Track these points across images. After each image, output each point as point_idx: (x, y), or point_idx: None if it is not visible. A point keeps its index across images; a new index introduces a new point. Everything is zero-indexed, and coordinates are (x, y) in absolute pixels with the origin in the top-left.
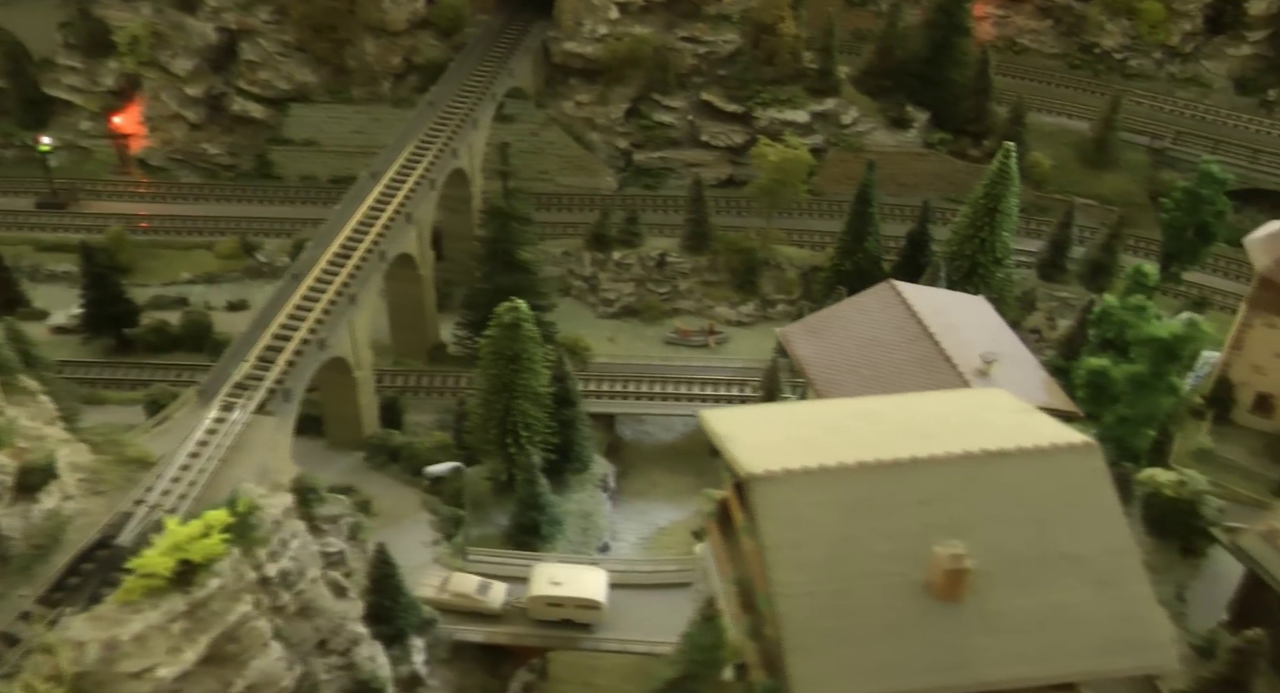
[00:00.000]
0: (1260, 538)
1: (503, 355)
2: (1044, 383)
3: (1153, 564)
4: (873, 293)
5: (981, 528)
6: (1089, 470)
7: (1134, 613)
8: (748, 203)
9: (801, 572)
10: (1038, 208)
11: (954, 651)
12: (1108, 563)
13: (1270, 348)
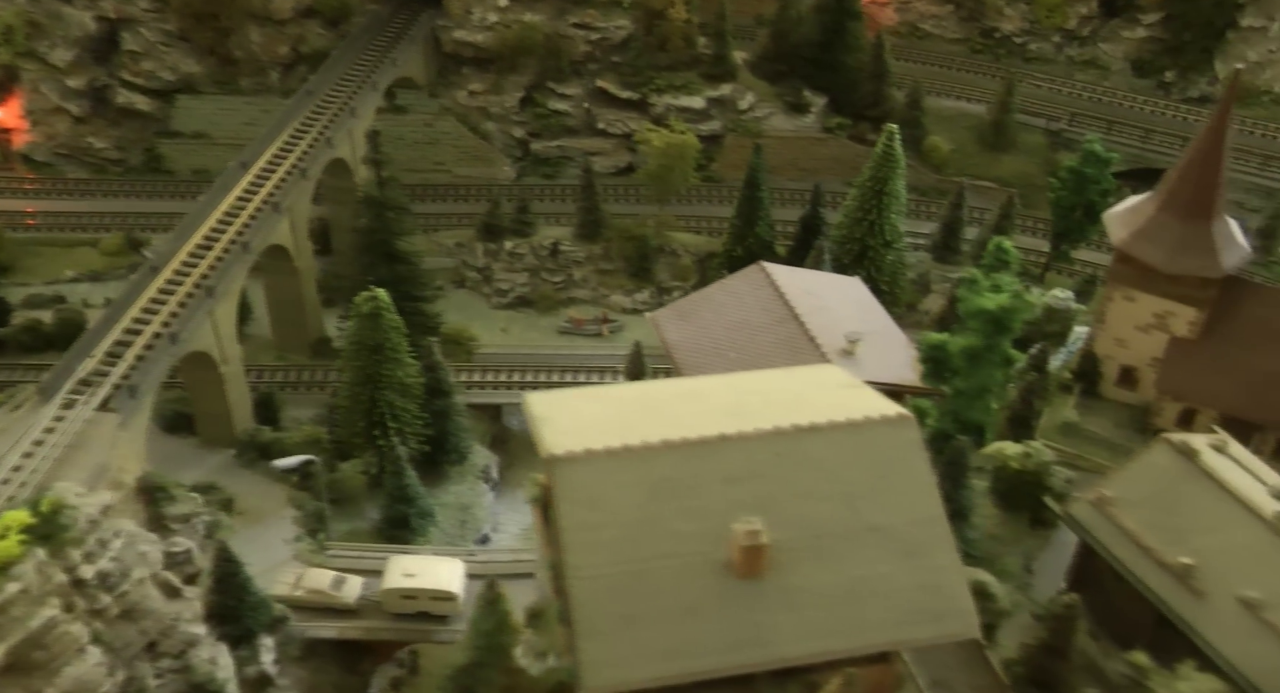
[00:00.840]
0: (1090, 506)
1: (365, 346)
2: (911, 362)
3: (1001, 536)
4: (742, 275)
5: (788, 504)
6: (902, 442)
7: (939, 583)
8: (640, 190)
9: (598, 553)
10: (938, 192)
11: (753, 628)
12: (916, 534)
13: (1131, 321)
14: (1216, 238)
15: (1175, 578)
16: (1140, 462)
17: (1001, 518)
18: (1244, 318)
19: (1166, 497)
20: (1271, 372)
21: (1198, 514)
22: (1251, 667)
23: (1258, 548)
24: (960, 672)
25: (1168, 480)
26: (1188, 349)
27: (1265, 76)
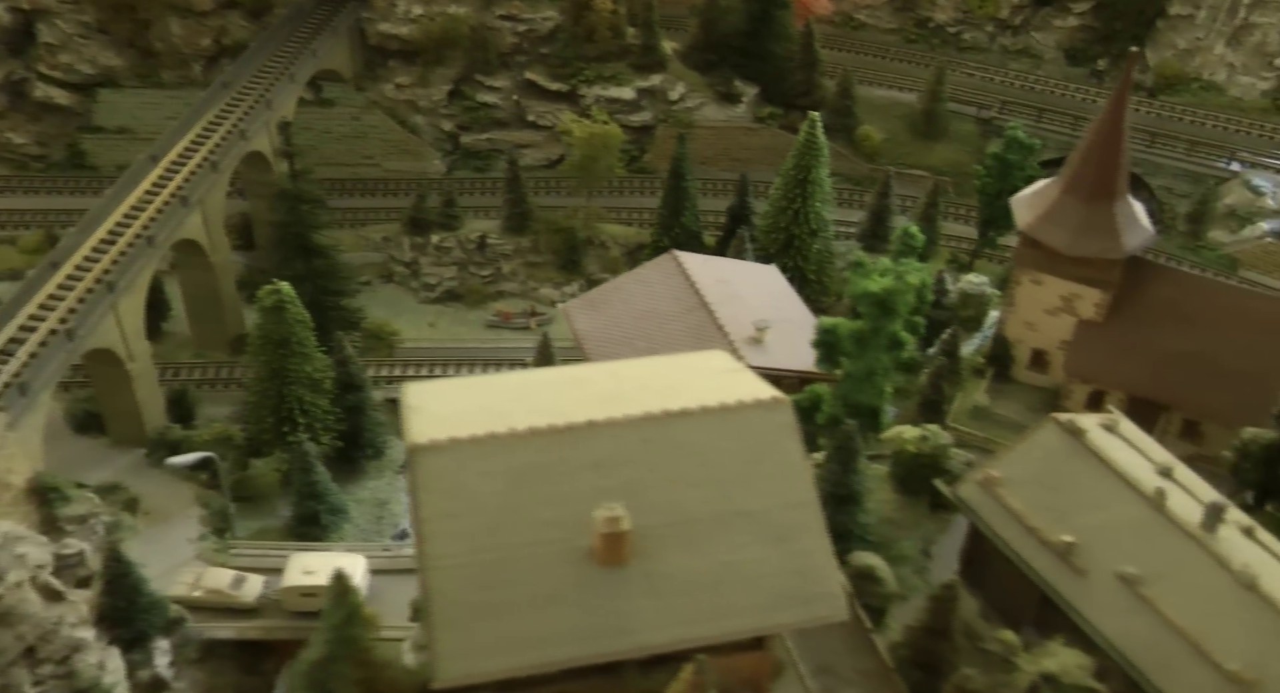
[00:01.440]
0: (978, 487)
1: (270, 341)
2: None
3: (899, 520)
4: (654, 264)
5: (655, 490)
6: (776, 426)
7: (808, 567)
8: (568, 182)
9: (457, 543)
10: (870, 181)
11: (614, 616)
12: (786, 518)
13: (1039, 304)
14: (1119, 220)
15: (1057, 557)
16: (1028, 442)
17: (900, 502)
18: (1148, 299)
19: (1052, 476)
20: (1175, 352)
21: (1081, 493)
22: (1127, 642)
23: (1138, 525)
24: (846, 656)
25: (1054, 460)
26: (1094, 331)
27: (1194, 63)
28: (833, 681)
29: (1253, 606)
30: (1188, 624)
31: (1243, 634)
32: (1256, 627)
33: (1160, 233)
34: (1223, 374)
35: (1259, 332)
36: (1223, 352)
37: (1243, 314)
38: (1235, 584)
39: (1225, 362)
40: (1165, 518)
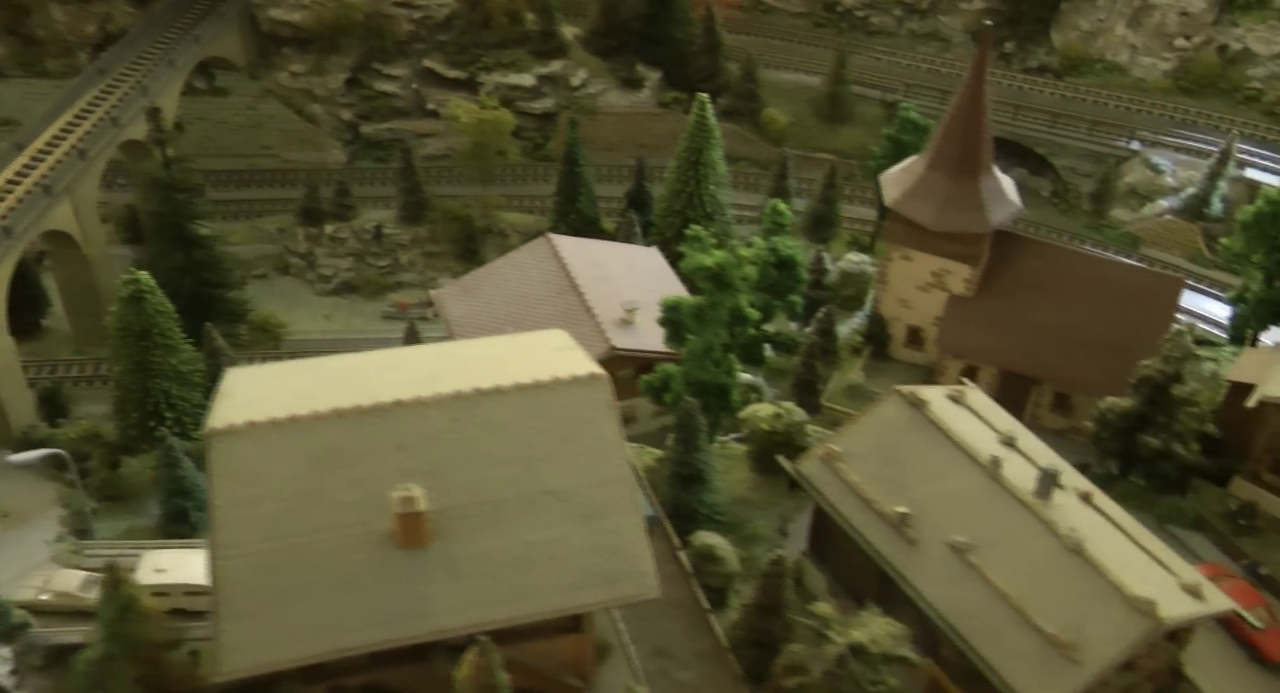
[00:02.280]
0: (819, 462)
1: (130, 333)
2: None
3: (755, 500)
4: (528, 248)
5: (461, 470)
6: (591, 403)
7: (617, 545)
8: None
9: (252, 530)
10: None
11: (412, 600)
12: (596, 496)
13: (910, 280)
14: (984, 194)
15: (891, 529)
16: (870, 415)
17: (757, 481)
18: (1017, 273)
19: (892, 449)
20: (1044, 325)
21: (920, 464)
22: (953, 610)
23: (972, 494)
24: (683, 638)
25: (895, 432)
26: (965, 307)
27: (1097, 45)
28: (668, 663)
29: (1077, 569)
30: (1013, 590)
31: (1066, 598)
32: (1079, 590)
33: (1065, 213)
34: (1089, 346)
35: (1122, 302)
36: (1089, 323)
37: (1106, 285)
38: (1062, 549)
39: (1091, 333)
40: (999, 486)
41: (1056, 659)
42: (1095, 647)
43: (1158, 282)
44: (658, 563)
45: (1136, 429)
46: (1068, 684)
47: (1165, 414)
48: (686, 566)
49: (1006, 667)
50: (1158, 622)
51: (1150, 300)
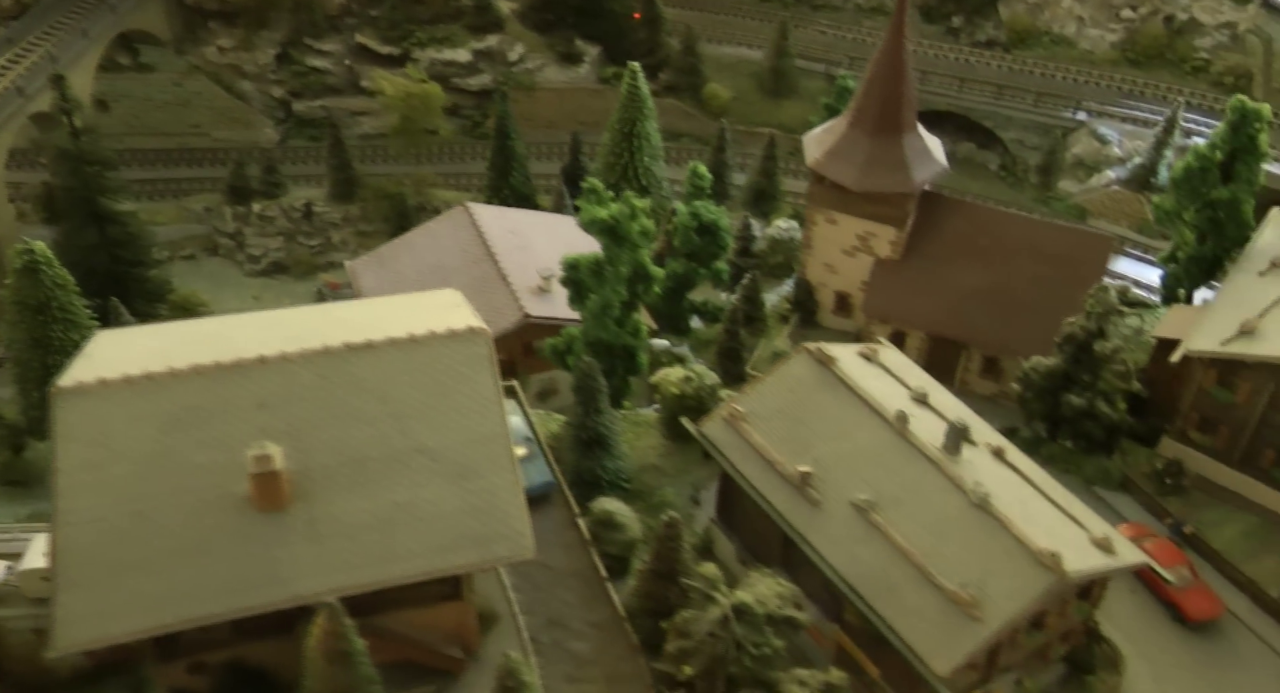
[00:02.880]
0: (723, 423)
1: (27, 307)
2: None
3: (666, 467)
4: (445, 217)
5: (326, 428)
6: (467, 358)
7: (491, 505)
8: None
9: (99, 495)
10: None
11: (269, 566)
12: (470, 454)
13: (835, 244)
14: (907, 153)
15: (794, 489)
16: (776, 374)
17: (669, 448)
18: (943, 235)
19: (798, 408)
20: (972, 288)
21: (825, 422)
22: (854, 572)
23: (878, 451)
24: (579, 608)
25: (801, 391)
26: (891, 270)
27: (1044, 17)
28: (562, 634)
29: (982, 525)
30: (916, 548)
31: (970, 555)
32: (983, 546)
33: (1013, 187)
34: (1018, 308)
35: (1052, 263)
36: (1017, 285)
37: (1036, 246)
38: (967, 505)
39: (1020, 295)
40: (906, 443)
41: (957, 617)
42: (997, 603)
43: (1087, 241)
44: (556, 531)
45: (1061, 389)
46: (968, 642)
47: (1089, 373)
48: (585, 533)
49: (906, 626)
50: (1062, 576)
51: (1080, 261)
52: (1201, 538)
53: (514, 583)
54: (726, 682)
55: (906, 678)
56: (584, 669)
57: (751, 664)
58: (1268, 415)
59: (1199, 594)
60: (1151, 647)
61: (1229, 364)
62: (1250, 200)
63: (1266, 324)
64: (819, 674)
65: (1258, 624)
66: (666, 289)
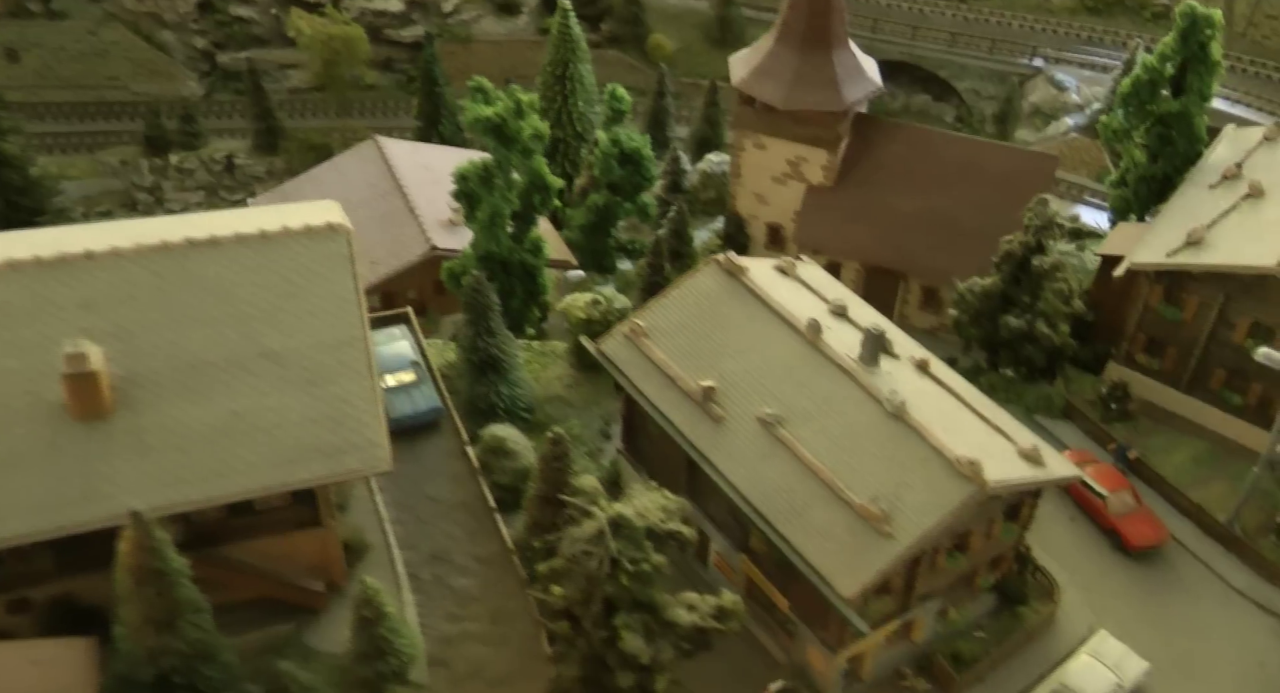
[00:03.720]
0: (623, 340)
1: None
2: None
3: (573, 398)
4: (354, 151)
5: (159, 330)
6: (325, 256)
7: (344, 414)
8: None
9: None
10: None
11: (89, 480)
12: (322, 360)
13: (765, 172)
14: (837, 69)
15: (696, 406)
16: (682, 287)
17: (577, 379)
18: (879, 159)
19: (704, 321)
20: (909, 214)
21: (733, 336)
22: (758, 491)
23: (789, 364)
24: (466, 542)
25: (709, 304)
26: (823, 198)
27: None
28: (445, 569)
29: (898, 436)
30: (825, 463)
31: (883, 467)
32: (898, 458)
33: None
34: (958, 234)
35: (994, 186)
36: (958, 210)
37: (976, 169)
38: (882, 416)
39: (961, 221)
40: (818, 354)
41: (866, 534)
42: (911, 517)
43: (1031, 162)
44: (443, 461)
45: (999, 311)
46: (877, 561)
47: (1029, 293)
48: (474, 462)
49: (810, 547)
50: (982, 485)
51: (1023, 183)
52: (1147, 464)
53: (395, 517)
54: (605, 606)
55: (816, 608)
56: (467, 607)
57: (629, 583)
58: (1217, 332)
59: (1141, 521)
60: (1090, 576)
61: (1176, 279)
62: (1202, 114)
63: (1215, 234)
64: (710, 598)
65: (1203, 551)
66: (588, 223)
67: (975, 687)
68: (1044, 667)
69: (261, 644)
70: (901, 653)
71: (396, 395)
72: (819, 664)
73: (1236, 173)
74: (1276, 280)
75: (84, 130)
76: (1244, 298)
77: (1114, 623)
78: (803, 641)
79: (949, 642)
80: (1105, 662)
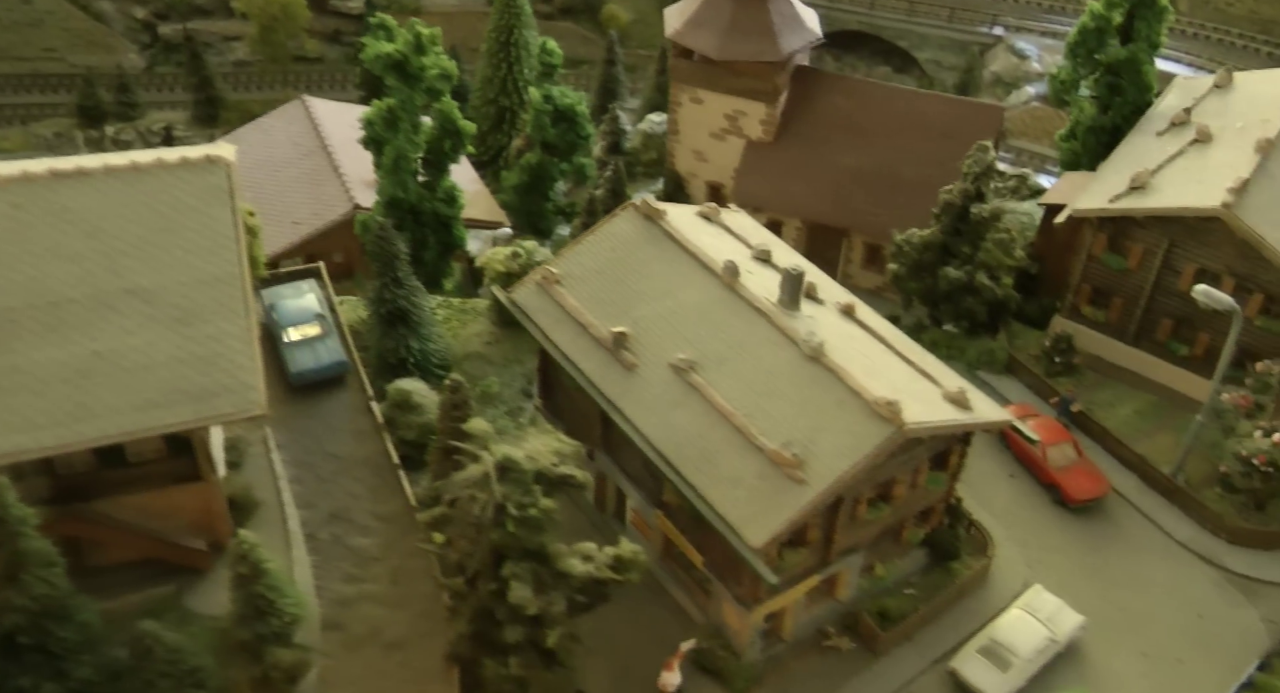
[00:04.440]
0: (536, 288)
1: None
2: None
3: (493, 356)
4: (279, 112)
5: (17, 265)
6: (202, 189)
7: (216, 354)
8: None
9: None
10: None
11: None
12: (195, 298)
13: (703, 128)
14: (774, 18)
15: (608, 354)
16: (598, 232)
17: (498, 336)
18: (820, 113)
19: (619, 266)
20: (851, 169)
21: (648, 280)
22: (668, 440)
23: (705, 308)
24: (367, 501)
25: (624, 249)
26: (763, 153)
27: None
28: (344, 528)
29: (815, 379)
30: (739, 409)
31: (798, 411)
32: (815, 402)
33: None
34: (902, 189)
35: (938, 139)
36: (901, 164)
37: (920, 121)
38: (800, 359)
39: (904, 175)
40: (736, 297)
41: (778, 481)
42: (825, 462)
43: (975, 112)
44: (348, 417)
45: (939, 263)
46: (788, 508)
47: (969, 244)
48: (378, 417)
49: (720, 496)
50: (900, 426)
51: (968, 134)
52: (1090, 417)
53: (294, 475)
54: (494, 556)
55: (730, 563)
56: (366, 568)
57: (516, 530)
58: (1162, 280)
59: (1081, 474)
60: (1028, 531)
61: (1120, 226)
62: (1151, 62)
63: (1160, 179)
64: (609, 549)
65: (1146, 504)
66: (522, 184)
67: (904, 645)
68: (977, 624)
69: (141, 607)
70: (826, 612)
71: (300, 349)
72: (734, 623)
73: (1185, 119)
74: (1221, 223)
75: (18, 103)
76: (1189, 243)
77: (1051, 578)
78: (719, 599)
79: (877, 600)
80: (1038, 616)
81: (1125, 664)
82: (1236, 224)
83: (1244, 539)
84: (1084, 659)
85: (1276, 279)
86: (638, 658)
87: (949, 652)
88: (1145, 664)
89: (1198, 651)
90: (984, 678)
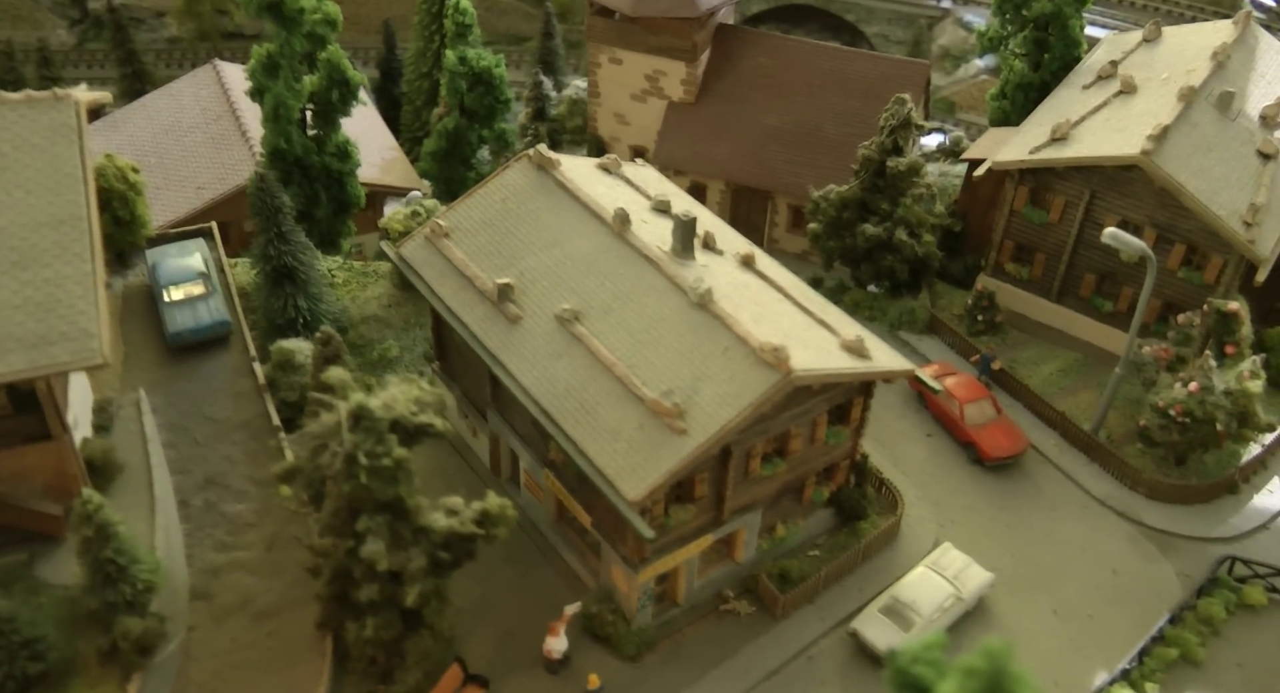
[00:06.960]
0: (424, 242)
1: None
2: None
3: (391, 319)
4: (189, 77)
5: None
6: (46, 128)
7: (52, 300)
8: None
9: None
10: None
11: None
12: (33, 240)
13: (623, 89)
14: None
15: (492, 307)
16: (490, 184)
17: (399, 298)
18: (742, 72)
19: (508, 218)
20: (774, 129)
21: (537, 231)
22: (548, 392)
23: (593, 258)
24: (244, 465)
25: (515, 200)
26: (684, 114)
27: None
28: (218, 494)
29: (702, 326)
30: (621, 358)
31: (683, 360)
32: (701, 350)
33: None
34: (826, 149)
35: (863, 97)
36: (825, 123)
37: (844, 79)
38: (687, 307)
39: (828, 134)
40: (626, 246)
41: (658, 432)
42: (708, 410)
43: (900, 68)
44: (229, 379)
45: (858, 221)
46: (667, 460)
47: (888, 200)
48: (260, 378)
49: (597, 448)
50: (788, 372)
51: (893, 92)
52: (1012, 375)
53: (168, 439)
54: (349, 510)
55: (616, 523)
56: (240, 535)
57: (368, 481)
58: (1084, 233)
59: (998, 431)
60: (943, 490)
61: (1041, 179)
62: (1079, 17)
63: (1081, 130)
64: (476, 503)
65: (1065, 461)
66: (439, 150)
67: (805, 608)
68: (883, 585)
69: None
70: (724, 575)
71: (180, 309)
72: (622, 585)
73: (1112, 72)
74: (1141, 172)
75: None
76: (1110, 194)
77: (964, 537)
78: (607, 561)
79: (778, 562)
80: (944, 573)
81: (1035, 621)
82: (1156, 172)
83: (1162, 494)
84: (993, 617)
85: (1197, 229)
86: (525, 625)
87: (852, 614)
88: (1055, 621)
89: (1110, 606)
90: (885, 638)
